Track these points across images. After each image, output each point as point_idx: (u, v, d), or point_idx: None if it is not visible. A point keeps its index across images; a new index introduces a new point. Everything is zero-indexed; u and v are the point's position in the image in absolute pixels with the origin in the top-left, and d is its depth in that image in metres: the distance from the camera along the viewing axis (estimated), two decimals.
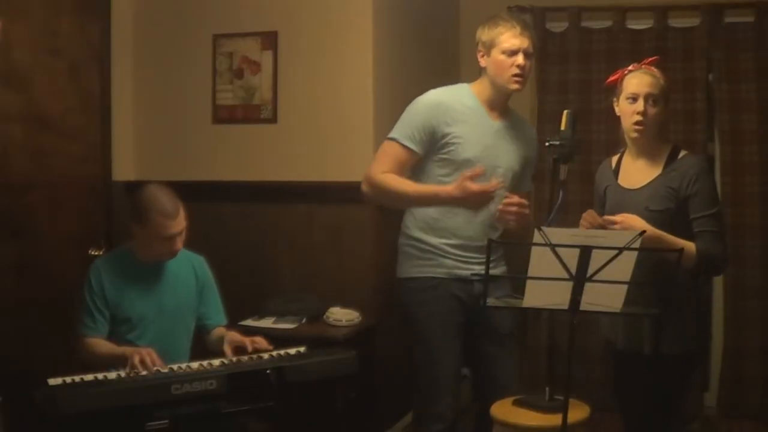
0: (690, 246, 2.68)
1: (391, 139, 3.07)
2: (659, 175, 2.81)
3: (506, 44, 2.97)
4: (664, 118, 2.85)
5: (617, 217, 2.72)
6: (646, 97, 2.77)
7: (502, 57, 2.98)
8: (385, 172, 3.03)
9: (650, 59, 2.89)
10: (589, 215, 2.79)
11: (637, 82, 2.80)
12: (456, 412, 3.05)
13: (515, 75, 2.99)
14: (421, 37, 4.40)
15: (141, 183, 3.30)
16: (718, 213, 2.78)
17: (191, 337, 3.10)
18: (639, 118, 2.77)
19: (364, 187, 3.10)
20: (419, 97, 3.12)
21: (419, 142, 3.03)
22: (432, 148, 3.04)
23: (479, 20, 3.17)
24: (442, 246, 3.05)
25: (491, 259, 3.02)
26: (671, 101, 2.90)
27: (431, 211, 3.05)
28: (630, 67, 2.86)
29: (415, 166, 3.08)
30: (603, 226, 2.73)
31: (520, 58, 2.97)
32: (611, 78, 2.90)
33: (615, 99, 2.88)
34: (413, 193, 3.01)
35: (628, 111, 2.80)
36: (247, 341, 2.87)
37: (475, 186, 2.86)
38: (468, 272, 3.02)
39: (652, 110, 2.77)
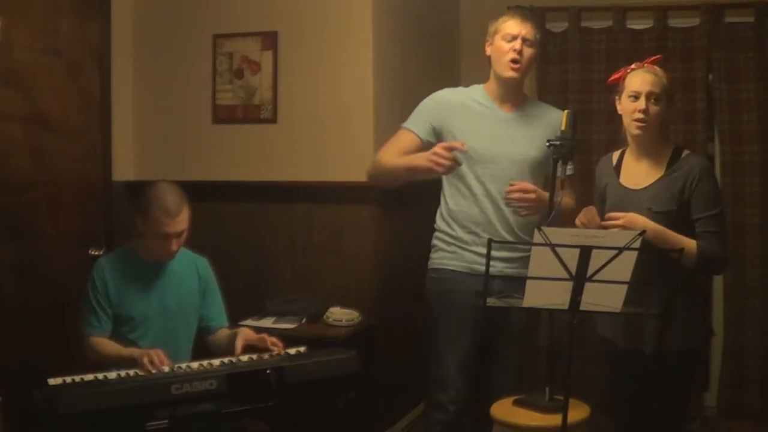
0: (692, 244, 2.69)
1: (401, 127, 3.25)
2: (662, 176, 2.82)
3: (506, 30, 3.09)
4: (666, 117, 2.86)
5: (620, 214, 2.72)
6: (648, 95, 2.78)
7: (502, 43, 3.09)
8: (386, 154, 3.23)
9: (653, 58, 2.90)
10: (587, 213, 2.79)
11: (639, 80, 2.81)
12: (460, 405, 3.11)
13: (512, 60, 3.07)
14: (421, 37, 4.40)
15: (141, 183, 3.30)
16: (720, 214, 2.78)
17: (193, 338, 3.11)
18: (641, 115, 2.78)
19: (368, 169, 3.29)
20: (433, 93, 3.27)
21: (422, 128, 3.19)
22: (433, 139, 3.14)
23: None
24: (466, 237, 3.13)
25: (515, 258, 3.10)
26: (673, 101, 2.90)
27: (453, 204, 3.16)
28: (633, 66, 2.87)
29: None
30: (602, 227, 2.73)
31: (517, 44, 3.06)
32: (614, 76, 2.91)
33: (617, 97, 2.89)
34: (398, 164, 3.15)
35: (630, 108, 2.81)
36: (267, 340, 2.88)
37: (437, 147, 2.98)
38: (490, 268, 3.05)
39: (653, 108, 2.78)
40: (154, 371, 2.63)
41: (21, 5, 3.40)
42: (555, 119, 3.20)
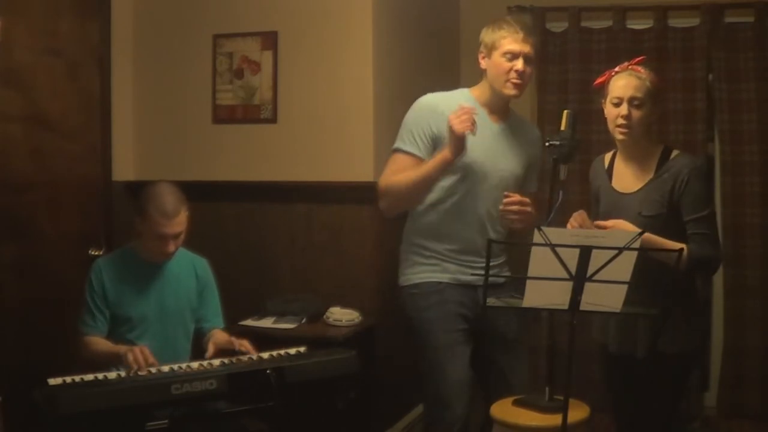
0: (682, 248, 2.68)
1: (394, 150, 3.09)
2: (652, 178, 2.81)
3: (507, 47, 2.95)
4: (652, 119, 2.85)
5: (609, 223, 2.72)
6: (630, 101, 2.76)
7: (502, 60, 2.97)
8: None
9: (636, 59, 2.88)
10: (578, 217, 2.78)
11: (622, 84, 2.79)
12: (465, 420, 3.00)
13: (513, 80, 2.97)
14: (421, 37, 4.40)
15: (141, 183, 3.31)
16: (710, 215, 2.78)
17: (191, 338, 3.11)
18: (623, 121, 2.77)
19: (381, 203, 3.11)
20: (414, 103, 3.12)
21: (419, 145, 3.02)
22: (434, 153, 3.00)
23: (479, 20, 3.18)
24: (445, 251, 3.04)
25: (494, 264, 3.03)
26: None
27: (432, 218, 3.05)
28: (617, 69, 2.86)
29: None
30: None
31: (519, 63, 2.95)
32: (599, 80, 2.90)
33: (603, 100, 2.89)
34: (419, 174, 2.96)
35: (613, 114, 2.80)
36: (235, 343, 2.87)
37: (452, 115, 2.83)
38: (472, 278, 3.00)
39: (636, 113, 2.77)
40: (136, 368, 2.63)
41: (21, 5, 3.40)
42: (533, 136, 3.20)
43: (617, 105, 2.78)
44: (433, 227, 3.05)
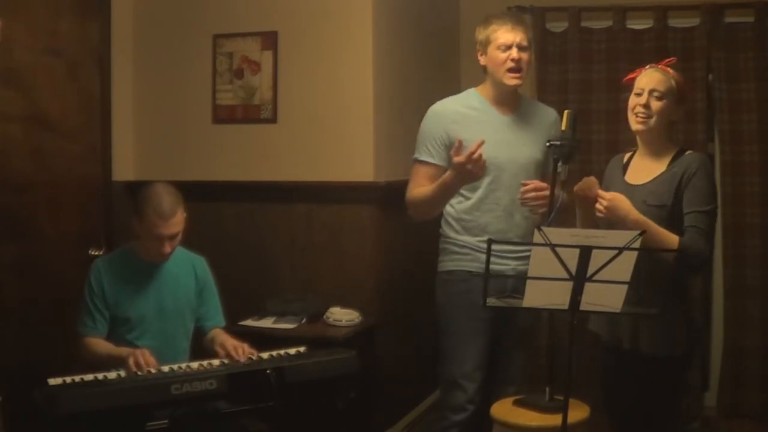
0: (674, 239, 2.69)
1: (414, 160, 3.22)
2: (662, 172, 2.83)
3: (500, 40, 3.08)
4: (673, 118, 2.87)
5: (607, 194, 2.75)
6: (651, 92, 2.81)
7: (498, 53, 3.08)
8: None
9: (667, 60, 2.93)
10: (587, 181, 2.80)
11: (647, 78, 2.85)
12: (477, 405, 3.12)
13: (511, 69, 3.07)
14: (421, 37, 4.40)
15: (141, 183, 3.31)
16: (710, 211, 2.78)
17: (190, 338, 3.11)
18: (641, 110, 2.82)
19: (408, 212, 3.26)
20: (427, 111, 3.23)
21: (436, 154, 3.15)
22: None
23: (479, 20, 3.20)
24: (477, 244, 3.12)
25: (522, 255, 3.08)
26: (682, 103, 2.90)
27: (461, 212, 3.15)
28: (647, 66, 2.90)
29: None
30: (594, 199, 2.77)
31: (514, 52, 3.07)
32: (630, 75, 2.94)
33: (629, 95, 2.91)
34: (431, 192, 3.11)
35: (633, 103, 2.85)
36: (239, 349, 2.86)
37: (460, 157, 2.89)
38: (503, 267, 3.07)
39: (656, 104, 2.80)
40: (139, 372, 2.62)
41: (21, 5, 3.40)
42: (550, 118, 3.27)
43: (639, 95, 2.83)
44: (462, 222, 3.16)
